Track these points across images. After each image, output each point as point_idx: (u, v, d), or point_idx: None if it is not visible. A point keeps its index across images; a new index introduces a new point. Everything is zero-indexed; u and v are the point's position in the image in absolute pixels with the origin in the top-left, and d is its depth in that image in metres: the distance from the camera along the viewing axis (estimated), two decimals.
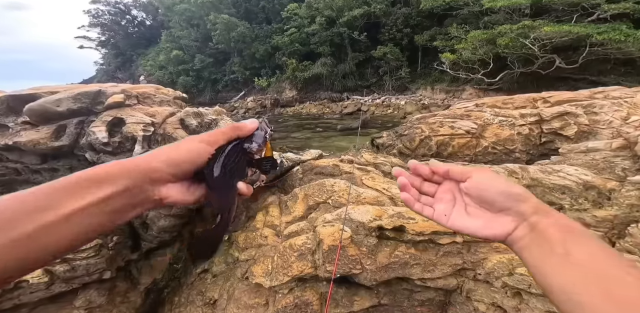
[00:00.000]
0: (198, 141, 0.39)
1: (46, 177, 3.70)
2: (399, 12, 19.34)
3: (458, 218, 0.41)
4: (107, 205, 0.30)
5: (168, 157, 0.35)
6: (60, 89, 4.05)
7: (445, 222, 0.42)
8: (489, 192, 0.38)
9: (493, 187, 0.38)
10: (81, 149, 3.62)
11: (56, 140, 3.55)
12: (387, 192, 2.08)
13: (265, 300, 1.79)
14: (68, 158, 3.75)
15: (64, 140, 3.57)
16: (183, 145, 0.38)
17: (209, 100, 25.19)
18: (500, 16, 14.84)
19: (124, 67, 35.77)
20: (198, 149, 0.37)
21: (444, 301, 1.63)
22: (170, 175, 0.35)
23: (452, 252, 1.56)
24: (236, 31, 22.77)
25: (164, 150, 0.36)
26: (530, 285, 1.45)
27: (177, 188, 0.36)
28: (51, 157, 3.72)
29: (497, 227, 0.38)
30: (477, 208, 0.40)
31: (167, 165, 0.35)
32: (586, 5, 12.17)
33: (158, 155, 0.36)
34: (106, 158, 3.51)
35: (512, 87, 14.35)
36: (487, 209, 0.39)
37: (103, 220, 0.30)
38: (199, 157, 0.37)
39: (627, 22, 11.63)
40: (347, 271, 1.51)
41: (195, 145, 0.38)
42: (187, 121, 4.09)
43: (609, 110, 4.06)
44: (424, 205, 0.43)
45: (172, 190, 0.36)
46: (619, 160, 2.88)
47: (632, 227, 2.27)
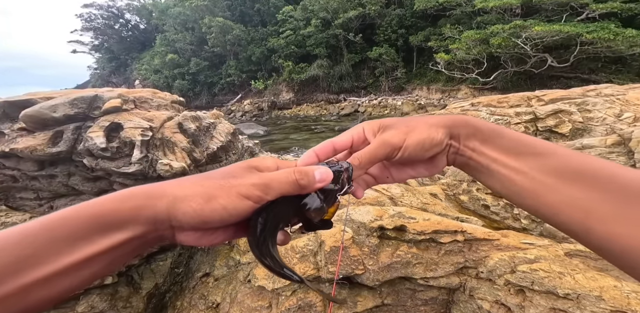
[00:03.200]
0: (242, 196, 0.29)
1: (44, 183, 3.69)
2: (394, 13, 19.52)
3: (400, 173, 0.40)
4: (115, 251, 0.25)
5: (196, 213, 0.27)
6: (56, 94, 4.04)
7: (392, 181, 0.41)
8: (418, 155, 0.36)
9: (416, 151, 0.36)
10: (79, 155, 3.62)
11: (53, 146, 3.54)
12: (387, 192, 2.10)
13: (268, 302, 1.79)
14: (66, 165, 3.74)
15: (61, 146, 3.56)
16: (220, 200, 0.28)
17: (205, 103, 25.13)
18: (492, 16, 15.07)
19: (119, 71, 35.48)
20: (237, 207, 0.28)
21: (447, 300, 1.64)
22: (194, 229, 0.29)
23: (454, 250, 1.58)
24: (231, 34, 22.80)
25: (193, 201, 0.27)
26: (533, 282, 1.46)
27: (197, 235, 0.30)
28: (49, 164, 3.71)
29: (437, 164, 0.38)
30: (410, 160, 0.38)
31: (193, 220, 0.27)
32: (575, 5, 12.47)
33: (185, 207, 0.27)
34: (104, 163, 3.51)
35: (507, 86, 14.54)
36: (418, 158, 0.37)
37: (107, 266, 0.26)
38: (237, 217, 0.29)
39: (615, 21, 11.89)
40: (349, 272, 1.52)
41: (235, 202, 0.28)
42: (186, 125, 4.10)
43: (601, 107, 4.13)
44: (360, 180, 0.40)
45: (190, 237, 0.30)
46: (614, 156, 2.93)
47: None
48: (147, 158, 3.56)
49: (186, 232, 0.29)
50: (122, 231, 0.25)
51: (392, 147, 0.35)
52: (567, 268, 1.43)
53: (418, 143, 0.35)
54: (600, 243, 0.26)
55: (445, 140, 0.36)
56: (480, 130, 0.35)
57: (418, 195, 2.22)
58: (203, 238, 0.30)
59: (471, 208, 3.19)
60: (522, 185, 0.31)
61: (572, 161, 0.30)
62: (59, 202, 3.72)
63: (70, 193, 3.74)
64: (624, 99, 4.14)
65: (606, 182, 0.27)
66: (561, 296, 1.33)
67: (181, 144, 3.80)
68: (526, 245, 1.69)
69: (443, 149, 0.36)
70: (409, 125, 0.36)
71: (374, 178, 0.41)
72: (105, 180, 3.71)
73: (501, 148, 0.33)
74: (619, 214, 0.25)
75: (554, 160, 0.30)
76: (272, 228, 0.31)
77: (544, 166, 0.30)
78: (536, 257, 1.56)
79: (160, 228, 0.27)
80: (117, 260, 0.26)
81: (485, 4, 14.20)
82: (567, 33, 11.39)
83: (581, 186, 0.28)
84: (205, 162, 4.08)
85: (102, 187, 3.75)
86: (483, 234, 1.67)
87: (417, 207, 2.00)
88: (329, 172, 0.33)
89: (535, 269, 1.48)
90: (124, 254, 0.26)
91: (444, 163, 0.38)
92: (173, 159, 3.62)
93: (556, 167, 0.30)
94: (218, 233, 0.31)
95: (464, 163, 0.37)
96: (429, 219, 1.59)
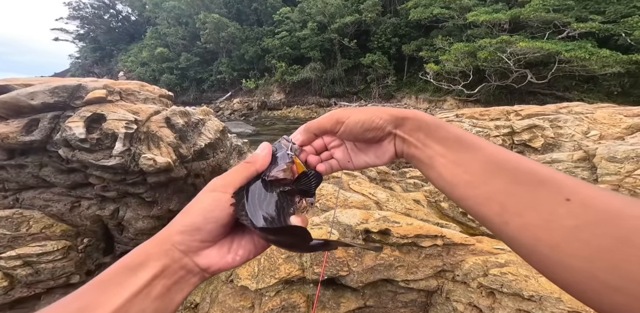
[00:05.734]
0: (209, 191, 0.33)
1: (12, 174, 3.48)
2: (389, 22, 20.02)
3: (357, 159, 0.43)
4: (150, 292, 0.27)
5: (183, 225, 0.31)
6: (35, 81, 3.83)
7: (353, 167, 0.44)
8: (357, 133, 0.39)
9: (356, 128, 0.38)
10: (54, 145, 3.44)
11: (27, 135, 3.35)
12: (373, 197, 2.17)
13: (251, 303, 1.80)
14: (38, 155, 3.54)
15: (35, 135, 3.38)
16: (195, 204, 0.32)
17: (192, 99, 24.52)
18: (482, 30, 15.75)
19: (102, 62, 34.00)
20: (211, 200, 0.32)
21: (425, 302, 1.72)
22: (199, 241, 0.31)
23: (434, 254, 1.66)
24: (226, 31, 22.50)
25: (178, 218, 0.32)
26: (502, 285, 1.57)
27: (215, 254, 0.32)
28: (19, 153, 3.50)
29: (385, 152, 0.40)
30: (364, 144, 0.42)
31: (187, 234, 0.30)
32: (558, 23, 13.25)
33: (175, 225, 0.31)
34: (82, 155, 3.36)
35: (489, 99, 15.22)
36: (370, 142, 0.40)
37: (151, 311, 0.27)
38: (217, 208, 0.31)
39: (592, 41, 12.65)
40: (334, 273, 1.56)
41: (207, 197, 0.32)
42: (174, 120, 4.02)
43: (571, 124, 4.45)
44: (326, 162, 0.44)
45: (211, 257, 0.31)
46: (579, 170, 3.17)
47: None
48: (130, 151, 3.44)
49: (200, 253, 0.31)
50: (146, 269, 0.28)
51: (336, 120, 0.39)
52: (532, 272, 1.55)
53: (357, 121, 0.38)
54: (514, 234, 0.27)
55: (388, 127, 0.38)
56: (427, 123, 0.36)
57: (402, 201, 2.31)
58: (229, 256, 0.32)
59: (450, 215, 3.33)
60: (453, 178, 0.33)
61: (497, 156, 0.31)
62: (26, 195, 3.51)
63: (39, 185, 3.53)
64: (592, 117, 4.47)
65: (522, 176, 0.28)
66: (526, 298, 1.44)
67: (167, 138, 3.71)
68: (498, 250, 1.80)
69: (386, 135, 0.39)
70: (361, 109, 0.40)
71: (338, 161, 0.44)
72: (80, 172, 3.54)
73: (443, 141, 0.35)
74: (530, 207, 0.26)
75: (484, 155, 0.32)
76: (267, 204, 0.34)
77: (475, 160, 0.32)
78: (506, 261, 1.67)
79: (176, 258, 0.29)
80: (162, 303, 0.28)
81: (476, 18, 14.84)
82: (548, 50, 12.01)
83: (501, 180, 0.29)
84: (192, 159, 3.99)
85: (76, 180, 3.57)
86: (460, 239, 1.77)
87: (401, 212, 2.08)
88: (265, 144, 0.40)
89: (504, 273, 1.58)
90: (161, 291, 0.28)
91: (391, 153, 0.40)
92: (157, 154, 3.52)
93: (485, 161, 0.31)
94: (237, 243, 0.33)
95: (411, 155, 0.38)
96: (412, 224, 1.67)
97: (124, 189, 3.63)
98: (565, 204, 0.25)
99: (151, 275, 0.28)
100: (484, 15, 14.67)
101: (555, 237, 0.24)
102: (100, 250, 3.77)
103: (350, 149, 0.44)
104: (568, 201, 0.25)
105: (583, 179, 3.38)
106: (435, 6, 16.92)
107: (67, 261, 3.15)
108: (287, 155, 0.40)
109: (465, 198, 0.32)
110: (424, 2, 17.84)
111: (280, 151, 0.40)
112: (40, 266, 2.96)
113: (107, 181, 3.60)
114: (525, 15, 13.56)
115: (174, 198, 4.05)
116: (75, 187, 3.69)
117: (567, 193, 0.25)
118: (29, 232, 3.06)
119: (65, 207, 3.58)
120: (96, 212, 3.67)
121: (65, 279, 3.14)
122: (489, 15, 14.65)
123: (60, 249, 3.13)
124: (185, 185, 4.10)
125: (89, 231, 3.62)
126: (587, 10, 13.47)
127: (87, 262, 3.53)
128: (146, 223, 3.85)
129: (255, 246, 0.34)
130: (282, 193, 0.36)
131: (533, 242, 0.25)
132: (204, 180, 4.34)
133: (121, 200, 3.83)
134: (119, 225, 3.84)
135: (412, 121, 0.37)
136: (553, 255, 0.24)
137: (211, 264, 0.31)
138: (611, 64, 11.32)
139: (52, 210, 3.51)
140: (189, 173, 4.03)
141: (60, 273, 3.08)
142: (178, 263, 0.30)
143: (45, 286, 3.01)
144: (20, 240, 2.99)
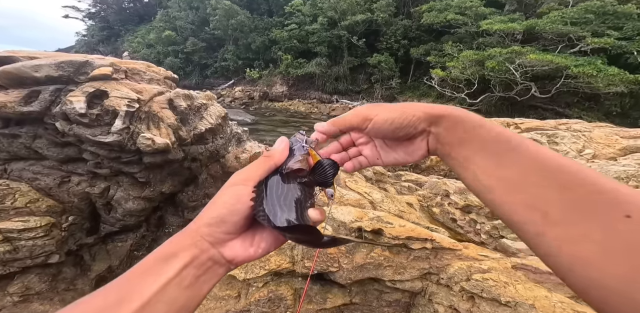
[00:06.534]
0: (231, 185, 0.34)
1: (4, 143, 3.41)
2: (400, 23, 19.86)
3: (387, 156, 0.42)
4: (181, 281, 0.29)
5: (209, 217, 0.32)
6: (41, 55, 3.76)
7: (382, 164, 0.43)
8: (387, 131, 0.38)
9: (385, 126, 0.37)
10: (52, 118, 3.38)
11: (25, 105, 3.29)
12: (368, 196, 2.19)
13: (237, 292, 1.81)
14: (34, 126, 3.48)
15: (34, 106, 3.31)
16: (219, 198, 0.34)
17: (194, 84, 24.20)
18: (493, 39, 15.60)
19: (108, 41, 33.92)
20: (233, 194, 0.33)
21: (408, 302, 1.75)
22: (224, 233, 0.32)
23: (422, 256, 1.69)
24: (236, 19, 22.12)
25: (204, 211, 0.33)
26: (482, 290, 1.61)
27: (239, 245, 0.33)
28: (15, 123, 3.43)
29: (417, 150, 0.39)
30: (394, 141, 0.40)
31: (214, 226, 0.32)
32: (573, 37, 13.01)
33: (202, 218, 0.33)
34: (79, 129, 3.31)
35: (490, 109, 15.29)
36: (401, 140, 0.39)
37: (183, 299, 0.29)
38: (239, 202, 0.33)
39: (602, 57, 12.48)
40: (324, 268, 1.58)
41: (230, 191, 0.34)
42: (176, 102, 3.96)
43: (568, 141, 4.51)
44: (354, 159, 0.43)
45: (236, 249, 0.33)
46: None
47: None
48: (129, 130, 3.40)
49: (225, 244, 0.33)
50: (178, 259, 0.30)
51: (364, 117, 0.38)
52: (512, 279, 1.59)
53: (387, 119, 0.37)
54: (551, 248, 0.24)
55: (422, 124, 0.36)
56: (464, 121, 0.35)
57: (396, 203, 2.34)
58: (251, 249, 0.34)
59: (441, 220, 3.38)
60: (490, 180, 0.31)
61: (544, 158, 0.28)
62: (15, 166, 3.43)
63: (30, 156, 3.47)
64: (588, 136, 4.55)
65: (575, 182, 0.25)
66: (503, 303, 1.48)
67: (168, 120, 3.66)
68: (482, 257, 1.85)
69: (419, 133, 0.37)
70: (390, 105, 0.38)
71: (366, 158, 0.43)
72: (75, 147, 3.49)
73: (481, 141, 0.33)
74: (581, 219, 0.23)
75: (528, 157, 0.29)
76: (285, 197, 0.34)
77: (517, 162, 0.29)
78: (489, 267, 1.72)
79: (204, 249, 0.31)
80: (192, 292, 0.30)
81: (490, 27, 14.62)
82: (557, 64, 11.84)
83: (548, 185, 0.26)
84: (191, 142, 3.96)
85: (69, 154, 3.52)
86: (449, 244, 1.81)
87: (394, 213, 2.10)
88: (283, 139, 0.41)
89: (486, 278, 1.62)
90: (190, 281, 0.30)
91: (424, 150, 0.39)
92: (157, 134, 3.48)
93: (530, 163, 0.29)
94: (259, 236, 0.35)
95: (445, 154, 0.36)
96: (404, 226, 1.69)
97: (118, 167, 3.59)
98: (625, 221, 0.22)
99: (182, 264, 0.29)
100: (498, 24, 14.48)
101: (608, 256, 0.21)
102: (84, 229, 3.70)
103: (379, 146, 0.43)
104: (628, 218, 0.22)
105: None
106: (450, 11, 16.74)
107: (49, 239, 3.05)
108: (302, 147, 0.40)
109: (501, 203, 0.29)
110: (438, 7, 17.70)
111: (296, 145, 0.41)
112: (20, 243, 2.85)
113: (102, 158, 3.55)
114: (541, 26, 13.38)
115: (167, 180, 4.01)
116: (67, 162, 3.63)
117: (628, 209, 0.22)
118: (13, 206, 2.96)
119: (55, 181, 3.52)
120: (85, 189, 3.62)
121: (43, 258, 3.02)
122: (504, 24, 14.43)
123: (43, 226, 3.03)
124: (181, 168, 4.07)
125: (75, 209, 3.57)
126: (605, 25, 13.14)
127: (69, 242, 3.46)
128: (136, 204, 3.82)
129: (276, 239, 0.35)
130: (300, 185, 0.37)
131: (574, 258, 0.23)
132: (200, 165, 4.31)
133: (113, 178, 3.78)
134: (108, 205, 3.80)
135: (448, 119, 0.35)
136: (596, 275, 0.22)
137: (236, 255, 0.33)
138: (616, 83, 11.25)
139: (41, 183, 3.45)
140: (186, 156, 4.00)
141: (39, 252, 2.97)
142: (206, 254, 0.31)
143: (21, 265, 2.89)
144: (3, 214, 2.89)
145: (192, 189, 4.42)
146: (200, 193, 4.43)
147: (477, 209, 3.38)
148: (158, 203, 4.17)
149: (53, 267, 3.18)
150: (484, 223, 3.29)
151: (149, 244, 4.25)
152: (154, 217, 4.31)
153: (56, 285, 3.15)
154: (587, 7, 13.26)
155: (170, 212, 4.42)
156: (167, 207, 4.41)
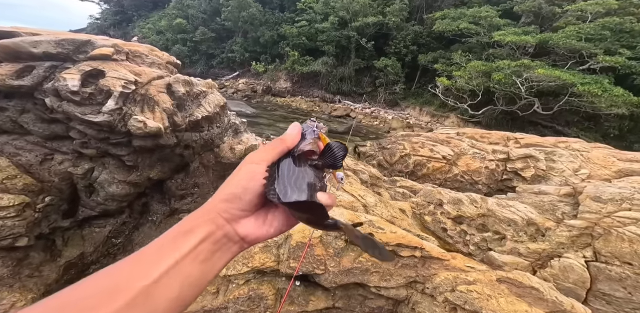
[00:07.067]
0: (246, 163, 0.36)
1: None
2: (411, 29, 19.84)
3: None
4: (197, 255, 0.30)
5: (225, 193, 0.34)
6: (44, 32, 3.68)
7: None
8: None
9: None
10: (43, 93, 3.28)
11: (17, 79, 3.18)
12: (362, 200, 2.13)
13: (216, 288, 1.74)
14: (22, 100, 3.37)
15: (26, 80, 3.21)
16: (234, 176, 0.36)
17: (199, 73, 24.05)
18: (504, 51, 15.53)
19: (120, 25, 34.30)
20: (248, 172, 0.35)
21: (391, 310, 1.70)
22: (239, 210, 0.34)
23: (409, 264, 1.64)
24: (247, 11, 21.95)
25: (220, 189, 0.35)
26: (465, 302, 1.57)
27: (252, 223, 0.35)
28: (3, 95, 3.32)
29: None
30: None
31: (229, 202, 0.34)
32: (585, 53, 12.94)
33: (219, 194, 0.35)
34: (69, 107, 3.20)
35: (491, 122, 15.34)
36: None
37: (197, 274, 0.30)
38: (253, 180, 0.34)
39: (610, 77, 12.47)
40: (310, 270, 1.51)
41: (244, 169, 0.36)
42: (175, 87, 3.87)
43: (565, 160, 4.50)
44: None
45: (249, 227, 0.34)
46: (562, 204, 3.22)
47: (554, 260, 2.60)
48: (121, 111, 3.29)
49: (239, 221, 0.34)
50: (195, 234, 0.31)
51: None
52: (495, 292, 1.55)
53: None
54: None
55: None
56: None
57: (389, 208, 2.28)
58: (264, 227, 0.35)
59: (432, 228, 3.34)
60: None
61: None
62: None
63: (15, 131, 3.34)
64: (586, 156, 4.54)
65: None
66: None
67: (164, 104, 3.55)
68: (469, 268, 1.80)
69: None
70: None
71: None
72: (62, 124, 3.37)
73: None
74: None
75: None
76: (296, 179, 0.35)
77: None
78: (474, 279, 1.67)
79: (220, 225, 0.32)
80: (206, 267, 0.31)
81: (502, 38, 14.53)
82: (564, 81, 11.80)
83: None
84: (185, 129, 3.86)
85: (55, 130, 3.39)
86: (438, 254, 1.75)
87: (386, 219, 2.05)
88: (296, 124, 0.43)
89: (470, 290, 1.58)
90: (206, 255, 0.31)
91: None
92: (150, 118, 3.37)
93: None
94: (272, 215, 0.36)
95: None
96: (395, 232, 1.63)
97: (105, 148, 3.48)
98: None
99: (199, 239, 0.31)
100: (511, 36, 14.37)
101: None
102: (60, 211, 3.54)
103: None
104: None
105: (563, 213, 3.47)
106: (464, 20, 16.70)
107: (20, 220, 2.87)
108: (313, 132, 0.43)
109: None
110: (452, 15, 17.69)
111: (307, 130, 0.43)
112: None
113: (89, 137, 3.44)
114: (555, 41, 13.31)
115: (157, 166, 3.90)
116: (52, 139, 3.51)
117: None
118: None
119: (37, 158, 3.40)
120: (68, 169, 3.50)
121: (10, 241, 2.84)
122: (517, 36, 14.33)
123: (16, 205, 2.86)
124: (172, 154, 3.96)
125: (54, 189, 3.43)
126: (620, 43, 13.14)
127: (42, 224, 3.28)
128: (120, 188, 3.71)
129: (288, 219, 0.37)
130: (311, 167, 0.38)
131: None
132: (193, 152, 4.20)
133: (99, 160, 3.67)
134: (90, 187, 3.67)
135: None
136: None
137: (249, 233, 0.34)
138: (619, 104, 11.27)
139: (22, 159, 3.33)
140: (179, 142, 3.89)
141: (7, 233, 2.80)
142: (222, 230, 0.33)
143: None
144: None
145: (182, 177, 4.31)
146: (190, 182, 4.32)
147: (469, 220, 3.34)
148: (144, 189, 4.06)
149: (20, 251, 3.00)
150: (474, 235, 3.25)
151: (129, 232, 4.06)
152: (138, 204, 4.18)
153: (20, 270, 2.97)
154: (604, 24, 13.26)
155: (156, 199, 4.30)
156: (154, 194, 4.29)
